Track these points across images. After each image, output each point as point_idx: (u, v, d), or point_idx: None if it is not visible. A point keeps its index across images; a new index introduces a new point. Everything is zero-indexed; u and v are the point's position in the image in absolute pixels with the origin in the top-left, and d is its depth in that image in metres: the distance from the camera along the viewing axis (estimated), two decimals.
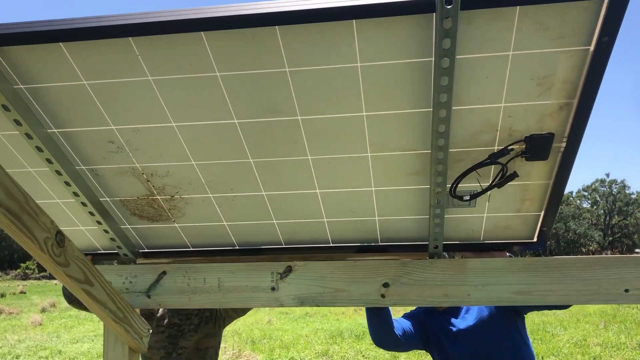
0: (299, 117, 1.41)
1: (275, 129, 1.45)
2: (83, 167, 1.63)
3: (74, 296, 2.35)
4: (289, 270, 1.83)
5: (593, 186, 76.23)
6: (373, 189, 1.64)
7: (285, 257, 1.92)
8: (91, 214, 1.70)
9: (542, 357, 8.73)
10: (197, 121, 1.44)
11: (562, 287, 1.67)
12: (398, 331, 2.44)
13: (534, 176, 1.56)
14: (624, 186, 72.73)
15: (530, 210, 1.68)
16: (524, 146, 1.45)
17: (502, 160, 1.47)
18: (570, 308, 14.44)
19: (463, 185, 1.59)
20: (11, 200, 1.16)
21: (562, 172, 1.51)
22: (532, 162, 1.52)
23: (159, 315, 2.86)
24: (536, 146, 1.43)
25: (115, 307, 1.69)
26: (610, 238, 71.20)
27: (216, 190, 1.68)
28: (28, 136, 1.46)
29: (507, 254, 1.96)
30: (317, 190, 1.66)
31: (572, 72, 1.26)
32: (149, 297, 1.91)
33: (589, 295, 1.66)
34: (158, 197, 1.73)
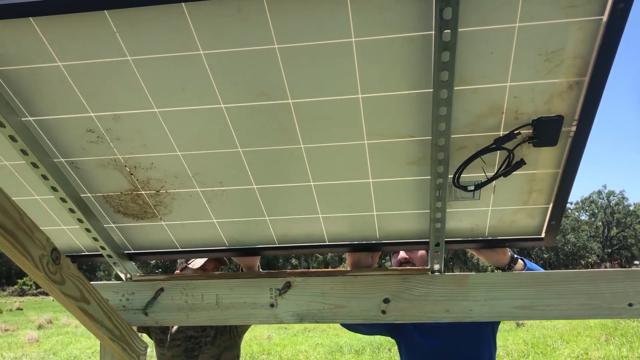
0: (290, 101, 1.31)
1: (264, 114, 1.35)
2: (62, 160, 1.53)
3: None
4: (287, 286, 1.80)
5: (591, 198, 76.26)
6: (370, 180, 1.54)
7: (279, 258, 1.82)
8: (71, 210, 1.60)
9: None
10: (181, 106, 1.34)
11: (564, 301, 1.65)
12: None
13: (541, 164, 1.46)
14: (623, 197, 72.74)
15: (537, 203, 1.58)
16: (531, 130, 1.35)
17: (509, 145, 1.38)
18: (571, 321, 14.28)
19: (466, 176, 1.49)
20: (6, 217, 1.16)
21: (572, 160, 1.42)
22: (539, 149, 1.42)
23: (174, 329, 2.77)
24: (544, 130, 1.34)
25: (112, 325, 1.66)
26: (610, 250, 71.07)
27: (204, 183, 1.59)
28: (0, 124, 1.36)
29: (509, 250, 1.87)
30: (312, 183, 1.56)
31: (583, 46, 1.17)
32: (146, 314, 1.87)
33: (593, 310, 1.63)
34: (143, 192, 1.63)
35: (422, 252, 2.43)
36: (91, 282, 1.61)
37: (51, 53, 1.24)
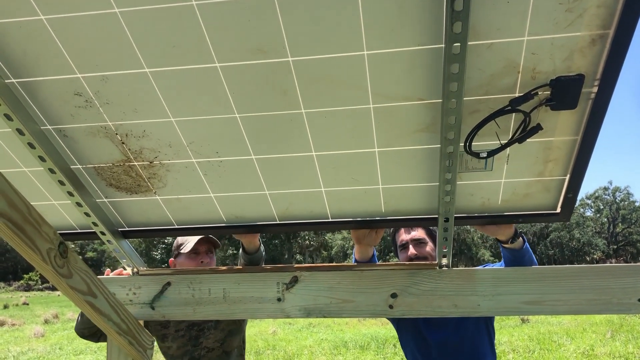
0: (290, 59, 1.22)
1: (262, 74, 1.26)
2: (49, 127, 1.44)
3: (87, 331, 2.34)
4: (294, 280, 1.78)
5: (596, 194, 75.92)
6: (376, 149, 1.45)
7: (279, 232, 1.74)
8: (61, 182, 1.51)
9: None
10: (173, 65, 1.25)
11: (573, 296, 1.63)
12: None
13: (559, 131, 1.37)
14: (628, 193, 72.42)
15: (554, 174, 1.49)
16: (549, 92, 1.26)
17: (525, 108, 1.28)
18: (577, 317, 14.15)
19: (478, 144, 1.40)
20: (14, 210, 1.15)
21: (592, 125, 1.32)
22: (557, 113, 1.33)
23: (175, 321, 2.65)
24: (563, 91, 1.24)
25: (119, 319, 1.66)
26: (615, 246, 70.75)
27: (200, 153, 1.50)
28: None
29: (514, 226, 1.81)
30: (313, 153, 1.47)
31: None
32: (153, 308, 1.85)
33: (602, 305, 1.61)
34: (135, 163, 1.54)
35: (431, 246, 2.37)
36: (98, 276, 1.60)
37: (33, 5, 1.15)
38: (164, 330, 2.62)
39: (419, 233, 2.35)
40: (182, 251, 2.62)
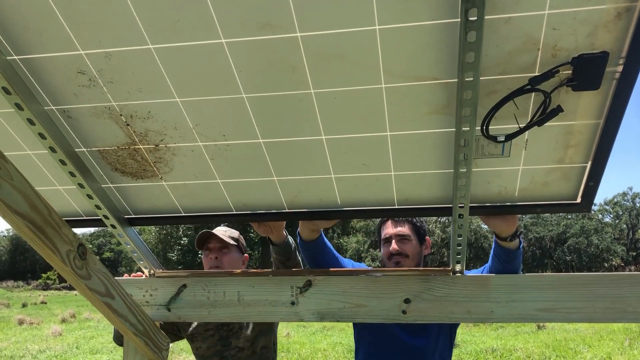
0: (298, 34, 1.17)
1: (270, 50, 1.21)
2: (53, 108, 1.41)
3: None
4: (308, 284, 1.79)
5: (615, 200, 74.90)
6: (388, 133, 1.39)
7: (288, 221, 1.70)
8: (62, 162, 1.47)
9: None
10: (178, 42, 1.21)
11: (588, 304, 1.60)
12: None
13: (580, 114, 1.30)
14: None
15: (574, 161, 1.42)
16: (570, 71, 1.19)
17: (545, 88, 1.22)
18: (594, 324, 13.91)
19: (496, 127, 1.34)
20: (35, 213, 1.20)
21: (616, 107, 1.25)
22: (579, 95, 1.26)
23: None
24: (586, 70, 1.18)
25: (136, 320, 1.68)
26: (634, 253, 69.68)
27: (206, 136, 1.45)
28: None
29: (517, 223, 1.78)
30: (323, 137, 1.42)
31: None
32: (169, 310, 1.87)
33: (617, 314, 1.59)
34: (141, 146, 1.50)
35: (415, 244, 2.33)
36: (115, 278, 1.61)
37: None
38: (194, 330, 2.59)
39: (405, 229, 2.31)
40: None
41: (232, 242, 2.60)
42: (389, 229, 2.34)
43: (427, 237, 2.37)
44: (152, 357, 1.81)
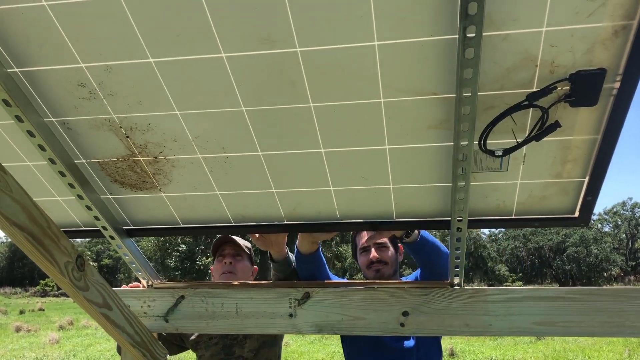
0: (298, 49, 1.18)
1: (270, 65, 1.22)
2: (53, 119, 1.42)
3: None
4: (307, 296, 1.79)
5: (614, 209, 74.91)
6: (387, 147, 1.40)
7: (286, 232, 1.71)
8: (62, 174, 1.48)
9: None
10: (178, 55, 1.22)
11: (586, 318, 1.61)
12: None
13: (578, 129, 1.31)
14: None
15: (572, 176, 1.43)
16: (568, 87, 1.20)
17: (543, 104, 1.22)
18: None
19: (494, 142, 1.34)
20: (34, 224, 1.21)
21: (613, 123, 1.26)
22: (577, 111, 1.27)
23: None
24: (583, 87, 1.18)
25: (133, 331, 1.68)
26: (633, 263, 69.60)
27: (206, 149, 1.46)
28: None
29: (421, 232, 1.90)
30: (322, 150, 1.43)
31: None
32: (167, 321, 1.86)
33: (615, 328, 1.59)
34: (140, 158, 1.51)
35: (392, 251, 2.37)
36: (114, 289, 1.62)
37: None
38: (198, 338, 2.58)
39: (381, 236, 2.32)
40: (213, 257, 2.62)
41: (246, 250, 2.61)
42: (365, 239, 2.37)
43: (399, 244, 2.41)
44: None
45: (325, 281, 1.85)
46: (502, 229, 79.61)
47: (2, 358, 12.08)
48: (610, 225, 75.49)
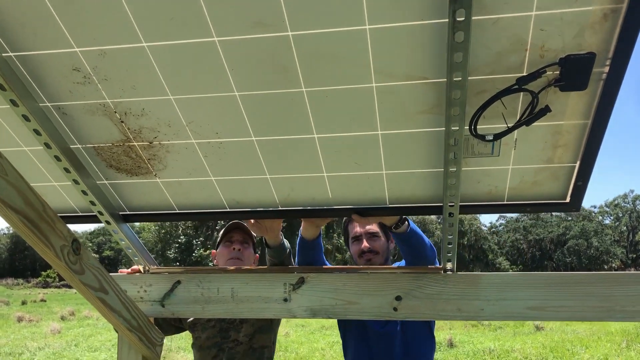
0: (290, 33, 1.19)
1: (262, 49, 1.23)
2: (48, 104, 1.43)
3: None
4: (301, 281, 1.80)
5: (615, 201, 74.91)
6: (379, 132, 1.41)
7: (281, 219, 1.72)
8: (57, 158, 1.49)
9: None
10: (171, 40, 1.23)
11: (577, 303, 1.62)
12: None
13: (569, 114, 1.32)
14: None
15: (563, 161, 1.44)
16: (558, 72, 1.21)
17: (533, 88, 1.23)
18: (592, 326, 13.93)
19: (485, 127, 1.35)
20: (30, 208, 1.22)
21: (603, 107, 1.27)
22: (567, 96, 1.28)
23: None
24: (573, 71, 1.19)
25: (130, 315, 1.69)
26: (634, 255, 69.69)
27: (199, 134, 1.47)
28: None
29: (407, 219, 1.91)
30: (315, 135, 1.44)
31: None
32: (163, 306, 1.89)
33: (605, 313, 1.61)
34: (135, 143, 1.52)
35: (384, 241, 2.41)
36: (110, 274, 1.62)
37: None
38: (196, 320, 2.61)
39: (373, 227, 2.37)
40: (219, 241, 2.65)
41: (252, 238, 2.64)
42: (358, 227, 2.40)
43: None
44: (145, 353, 1.82)
45: (321, 267, 1.86)
46: (503, 221, 79.68)
47: (5, 347, 12.15)
48: (611, 217, 75.53)
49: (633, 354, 9.96)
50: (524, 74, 1.22)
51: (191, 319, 2.60)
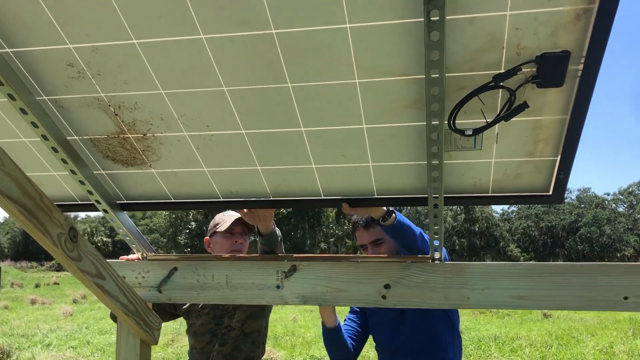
0: (273, 31, 1.23)
1: (247, 46, 1.27)
2: (45, 98, 1.48)
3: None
4: (293, 269, 1.86)
5: (629, 189, 74.25)
6: (364, 126, 1.45)
7: (272, 208, 1.76)
8: (54, 150, 1.55)
9: None
10: (160, 37, 1.27)
11: (560, 293, 1.66)
12: (352, 343, 2.54)
13: (547, 110, 1.35)
14: None
15: (544, 154, 1.47)
16: (534, 69, 1.24)
17: (511, 85, 1.27)
18: (599, 314, 13.93)
19: (466, 121, 1.39)
20: (27, 198, 1.26)
21: (579, 103, 1.30)
22: (545, 92, 1.31)
23: None
24: (549, 68, 1.22)
25: (127, 300, 1.75)
26: None
27: (191, 127, 1.52)
28: None
29: (390, 209, 1.96)
30: (302, 129, 1.48)
31: None
32: (160, 291, 1.95)
33: (587, 302, 1.65)
34: (129, 135, 1.57)
35: (389, 243, 2.46)
36: (108, 260, 1.69)
37: None
38: (190, 307, 2.69)
39: (375, 233, 2.43)
40: (217, 230, 2.69)
41: (252, 228, 2.70)
42: (363, 237, 2.49)
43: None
44: (143, 336, 1.89)
45: (311, 255, 1.91)
46: (515, 208, 79.32)
47: (18, 329, 12.40)
48: (625, 205, 74.93)
49: (638, 342, 9.97)
50: (502, 71, 1.25)
51: (186, 306, 2.67)
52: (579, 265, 1.66)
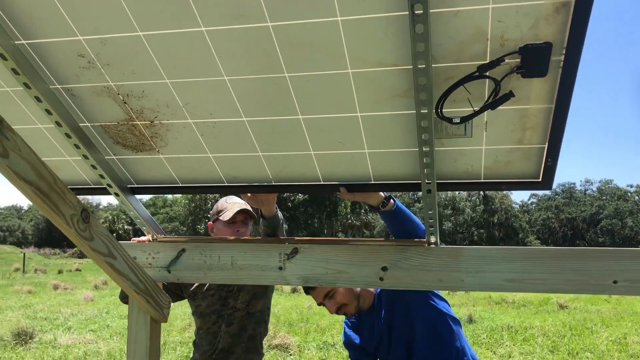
0: (269, 24, 1.30)
1: (246, 38, 1.35)
2: (58, 86, 1.57)
3: (127, 300, 2.56)
4: (295, 251, 1.94)
5: None
6: (359, 114, 1.52)
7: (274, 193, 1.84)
8: (67, 135, 1.65)
9: (577, 353, 8.37)
10: (163, 29, 1.35)
11: (552, 276, 1.71)
12: None
13: (533, 99, 1.41)
14: None
15: (532, 142, 1.53)
16: (518, 59, 1.30)
17: (496, 76, 1.32)
18: (617, 306, 13.84)
19: (455, 110, 1.45)
20: (41, 180, 1.35)
21: (563, 92, 1.35)
22: (530, 82, 1.36)
23: None
24: (533, 59, 1.28)
25: (137, 279, 1.84)
26: None
27: (195, 115, 1.60)
28: None
29: (389, 195, 2.02)
30: (300, 117, 1.56)
31: None
32: (169, 272, 2.04)
33: (578, 286, 1.69)
34: (138, 122, 1.66)
35: (341, 291, 2.52)
36: (120, 242, 1.78)
37: None
38: (196, 289, 2.80)
39: (321, 289, 2.48)
40: (220, 218, 2.78)
41: (254, 215, 2.79)
42: (316, 297, 2.54)
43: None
44: (153, 314, 1.99)
45: (311, 237, 1.99)
46: (534, 199, 78.56)
47: (41, 313, 12.74)
48: None
49: None
50: (487, 61, 1.31)
51: (192, 288, 2.78)
52: (573, 250, 1.71)
